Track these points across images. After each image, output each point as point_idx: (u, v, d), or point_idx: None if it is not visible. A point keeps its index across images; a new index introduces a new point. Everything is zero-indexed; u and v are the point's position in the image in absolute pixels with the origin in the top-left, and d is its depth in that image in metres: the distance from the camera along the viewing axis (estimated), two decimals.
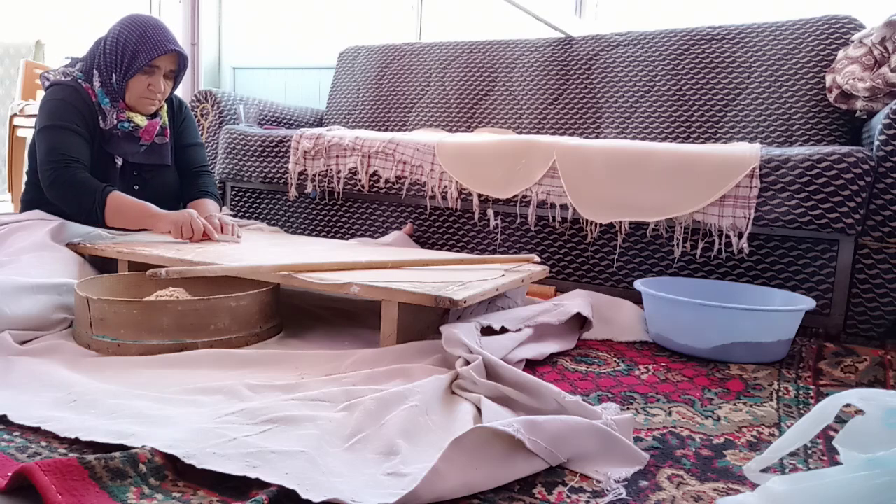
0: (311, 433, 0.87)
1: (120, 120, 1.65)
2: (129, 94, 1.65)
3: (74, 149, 1.59)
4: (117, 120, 1.65)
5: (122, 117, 1.65)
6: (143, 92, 1.65)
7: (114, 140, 1.67)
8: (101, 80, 1.64)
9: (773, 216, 1.55)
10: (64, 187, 1.57)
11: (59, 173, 1.56)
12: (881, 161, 1.49)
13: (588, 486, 0.82)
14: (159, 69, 1.66)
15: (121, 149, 1.68)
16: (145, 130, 1.69)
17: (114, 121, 1.65)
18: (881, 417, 0.67)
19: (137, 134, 1.69)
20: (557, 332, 1.42)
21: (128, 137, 1.68)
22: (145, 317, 1.20)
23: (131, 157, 1.70)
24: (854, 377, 1.31)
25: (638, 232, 1.77)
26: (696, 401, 1.14)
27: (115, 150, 1.67)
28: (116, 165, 1.68)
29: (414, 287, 1.23)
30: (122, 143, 1.68)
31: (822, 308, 1.57)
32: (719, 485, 0.84)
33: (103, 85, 1.64)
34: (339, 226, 2.24)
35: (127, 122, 1.66)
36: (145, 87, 1.65)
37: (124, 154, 1.68)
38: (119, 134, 1.67)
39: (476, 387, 1.03)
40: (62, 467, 0.73)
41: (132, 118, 1.67)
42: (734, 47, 2.21)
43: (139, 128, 1.68)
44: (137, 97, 1.66)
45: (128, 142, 1.69)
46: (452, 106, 2.69)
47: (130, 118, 1.66)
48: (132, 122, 1.66)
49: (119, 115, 1.65)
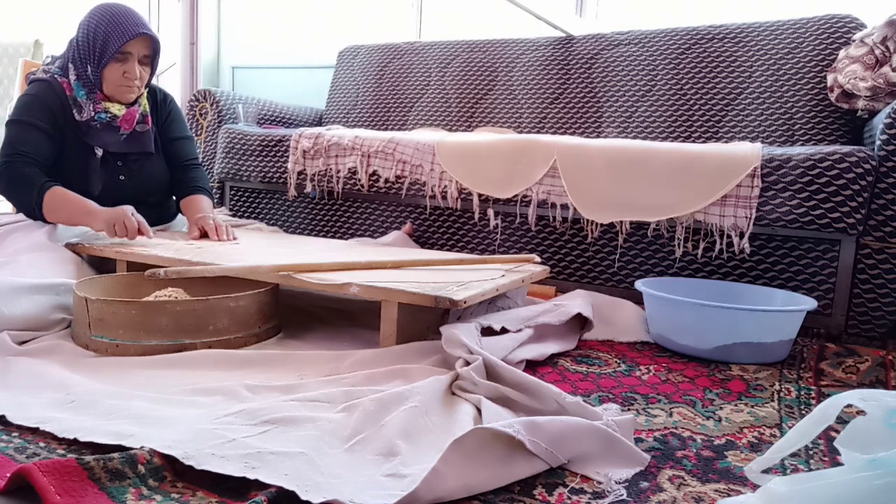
0: (311, 434, 0.86)
1: (97, 111, 1.65)
2: (106, 83, 1.64)
3: (30, 144, 1.58)
4: (94, 111, 1.64)
5: (98, 108, 1.65)
6: (119, 80, 1.64)
7: (92, 131, 1.66)
8: (76, 73, 1.64)
9: (775, 216, 1.55)
10: (8, 181, 1.57)
11: (6, 167, 1.56)
12: (883, 161, 1.48)
13: (589, 488, 0.81)
14: (132, 55, 1.63)
15: (100, 139, 1.67)
16: (123, 119, 1.68)
17: (91, 112, 1.64)
18: (882, 418, 0.66)
19: (116, 124, 1.68)
20: (558, 332, 1.42)
21: (107, 128, 1.67)
22: (144, 317, 1.20)
23: (112, 146, 1.68)
24: (855, 378, 1.30)
25: (639, 232, 1.76)
26: (698, 401, 1.14)
27: (95, 141, 1.66)
28: (97, 156, 1.67)
29: (414, 287, 1.22)
30: (101, 134, 1.67)
31: (824, 308, 1.57)
32: (720, 486, 0.84)
33: (79, 78, 1.64)
34: (338, 226, 2.24)
35: (104, 112, 1.65)
36: (121, 74, 1.63)
37: (104, 144, 1.67)
38: (97, 125, 1.66)
39: (476, 387, 1.03)
40: (61, 468, 0.73)
41: (108, 108, 1.66)
42: (735, 46, 2.21)
43: (117, 117, 1.67)
44: (115, 86, 1.65)
45: (107, 132, 1.68)
46: (452, 105, 2.69)
47: (107, 108, 1.66)
48: (109, 112, 1.66)
49: (95, 106, 1.65)
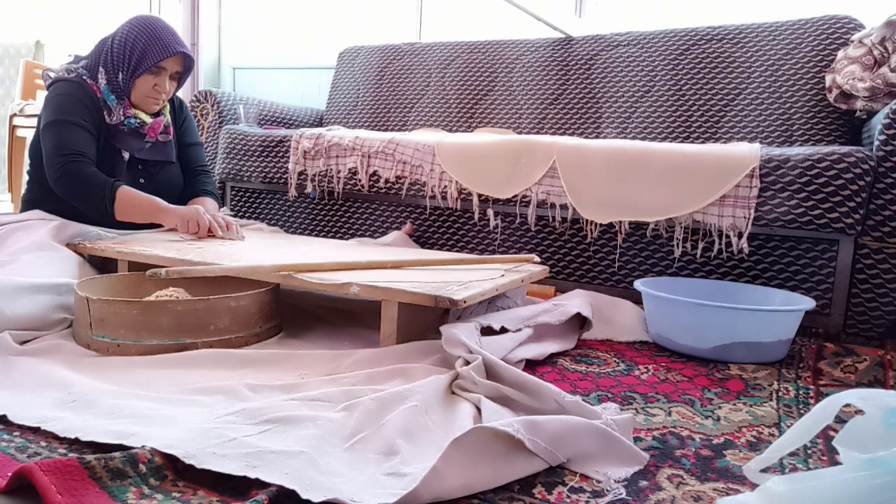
0: (311, 433, 0.87)
1: (126, 116, 1.68)
2: (135, 92, 1.68)
3: (82, 143, 1.61)
4: (124, 116, 1.67)
5: (128, 113, 1.68)
6: (148, 91, 1.68)
7: (120, 135, 1.69)
8: (107, 77, 1.66)
9: (773, 216, 1.56)
10: (73, 181, 1.58)
11: (68, 167, 1.58)
12: (881, 161, 1.49)
13: (588, 486, 0.82)
14: (166, 70, 1.69)
15: (127, 144, 1.70)
16: (150, 128, 1.72)
17: (121, 117, 1.67)
18: (881, 417, 0.67)
19: (143, 131, 1.72)
20: (557, 332, 1.42)
21: (134, 133, 1.71)
22: (145, 317, 1.20)
23: (137, 152, 1.72)
24: (854, 377, 1.31)
25: (638, 232, 1.77)
26: (696, 401, 1.14)
27: (122, 145, 1.69)
28: (123, 159, 1.70)
29: (414, 287, 1.23)
30: (128, 139, 1.70)
31: (822, 308, 1.57)
32: (719, 485, 0.84)
33: (109, 83, 1.66)
34: (338, 226, 2.24)
35: (133, 118, 1.69)
36: (151, 86, 1.68)
37: (130, 149, 1.71)
38: (125, 130, 1.69)
39: (476, 387, 1.03)
40: (62, 467, 0.73)
41: (138, 115, 1.70)
42: (734, 47, 2.21)
43: (145, 124, 1.71)
44: (143, 96, 1.69)
45: (134, 137, 1.71)
46: (452, 106, 2.69)
47: (137, 115, 1.69)
48: (138, 118, 1.69)
49: (125, 111, 1.68)
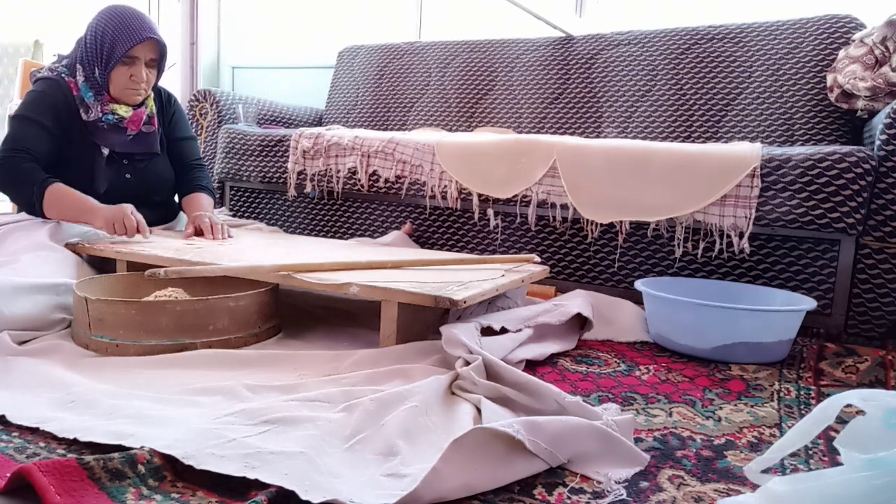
0: (311, 434, 0.86)
1: (104, 112, 1.67)
2: (113, 86, 1.66)
3: (32, 140, 1.60)
4: (101, 112, 1.66)
5: (105, 110, 1.67)
6: (126, 83, 1.66)
7: (99, 131, 1.68)
8: (84, 74, 1.65)
9: (774, 216, 1.55)
10: (7, 175, 1.58)
11: (6, 161, 1.57)
12: (882, 161, 1.48)
13: (588, 487, 0.81)
14: (139, 59, 1.65)
15: (107, 139, 1.69)
16: (130, 120, 1.71)
17: (98, 113, 1.66)
18: (882, 418, 0.66)
19: (123, 125, 1.70)
20: (558, 332, 1.42)
21: (114, 128, 1.70)
22: (144, 317, 1.20)
23: (118, 146, 1.71)
24: (855, 377, 1.31)
25: (638, 232, 1.76)
26: (697, 401, 1.14)
27: (102, 141, 1.68)
28: (103, 155, 1.69)
29: (414, 287, 1.22)
30: (108, 134, 1.69)
31: (823, 308, 1.57)
32: (720, 485, 0.84)
33: (87, 79, 1.65)
34: (338, 226, 2.24)
35: (111, 114, 1.67)
36: (127, 77, 1.66)
37: (111, 144, 1.69)
38: (104, 126, 1.68)
39: (476, 387, 1.03)
40: (61, 468, 0.73)
41: (116, 110, 1.68)
42: (735, 47, 2.21)
43: (123, 119, 1.69)
44: (121, 89, 1.67)
45: (114, 132, 1.70)
46: (452, 105, 2.69)
47: (114, 110, 1.68)
48: (116, 114, 1.68)
49: (103, 107, 1.67)
